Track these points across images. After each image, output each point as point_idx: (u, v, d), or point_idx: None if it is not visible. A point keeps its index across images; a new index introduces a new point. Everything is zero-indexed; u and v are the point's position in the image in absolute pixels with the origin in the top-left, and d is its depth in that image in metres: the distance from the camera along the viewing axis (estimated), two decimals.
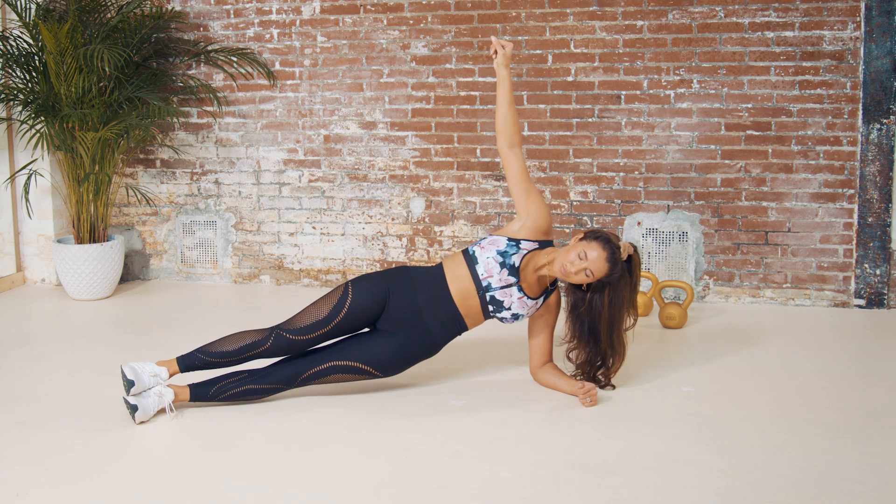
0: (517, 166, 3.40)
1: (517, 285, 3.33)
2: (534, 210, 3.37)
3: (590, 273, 3.20)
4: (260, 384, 3.30)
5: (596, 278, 3.21)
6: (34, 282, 5.52)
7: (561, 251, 3.27)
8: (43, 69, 5.00)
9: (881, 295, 4.76)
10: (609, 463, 2.84)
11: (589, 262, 3.19)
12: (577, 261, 3.19)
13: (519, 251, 3.34)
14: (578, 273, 3.20)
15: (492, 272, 3.31)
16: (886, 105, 4.64)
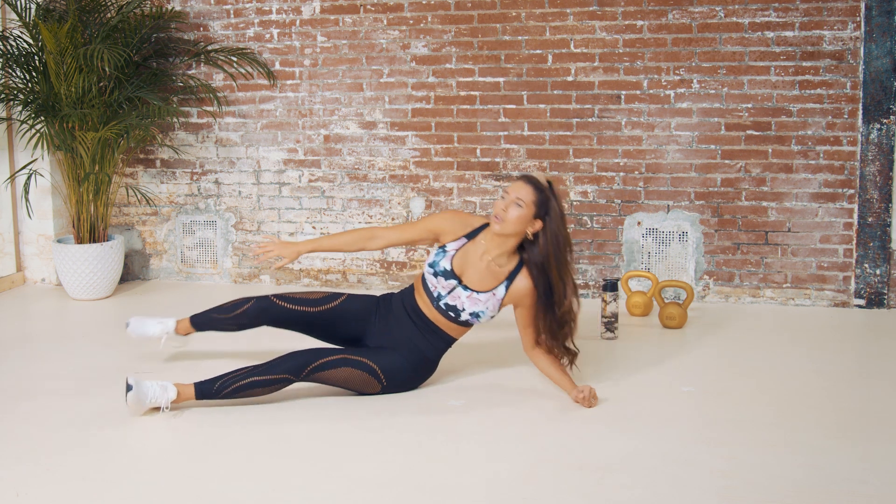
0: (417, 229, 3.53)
1: (460, 285, 3.35)
2: (434, 226, 3.48)
3: (518, 201, 3.22)
4: (265, 375, 3.24)
5: (527, 204, 3.21)
6: (34, 282, 5.52)
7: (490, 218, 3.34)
8: (43, 69, 5.00)
9: (881, 295, 4.76)
10: (609, 463, 2.83)
11: (512, 192, 3.25)
12: (502, 201, 3.27)
13: (445, 254, 3.39)
14: (508, 208, 3.23)
15: (435, 284, 3.38)
16: (886, 105, 4.64)
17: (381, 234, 3.54)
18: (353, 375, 3.33)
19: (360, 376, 3.34)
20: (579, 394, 3.30)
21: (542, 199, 3.23)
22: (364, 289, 5.29)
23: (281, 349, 3.49)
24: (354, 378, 3.34)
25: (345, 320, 3.54)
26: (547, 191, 3.24)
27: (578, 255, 5.05)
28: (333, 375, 3.31)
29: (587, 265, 5.06)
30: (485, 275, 3.35)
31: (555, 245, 3.25)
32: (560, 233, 3.25)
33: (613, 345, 4.16)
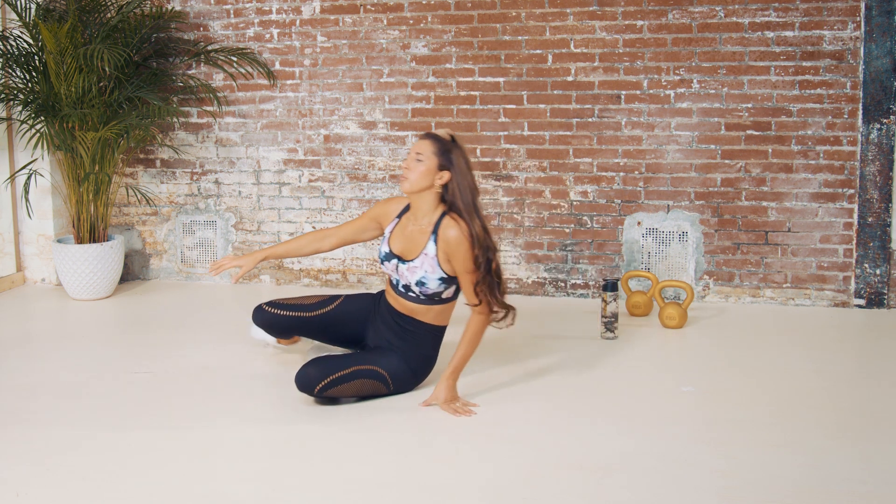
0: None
1: (399, 261, 3.38)
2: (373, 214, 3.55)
3: (419, 156, 3.23)
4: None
5: (427, 156, 3.22)
6: (34, 282, 5.52)
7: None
8: (43, 69, 5.00)
9: (881, 295, 4.76)
10: (609, 463, 2.84)
11: (413, 149, 3.27)
12: (405, 159, 3.29)
13: (384, 239, 3.46)
14: (409, 162, 3.24)
15: (386, 271, 3.45)
16: (886, 105, 4.64)
17: (331, 232, 3.63)
18: (364, 385, 3.33)
19: (371, 384, 3.34)
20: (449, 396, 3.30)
21: (442, 150, 3.24)
22: (364, 288, 5.29)
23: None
24: (365, 387, 3.34)
25: (343, 323, 3.57)
26: (448, 143, 3.26)
27: (579, 254, 5.06)
28: (346, 389, 3.30)
29: (587, 265, 5.06)
30: (414, 241, 3.36)
31: (461, 192, 3.24)
32: (466, 179, 3.25)
33: (613, 345, 4.16)
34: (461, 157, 3.26)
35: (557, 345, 4.12)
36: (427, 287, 3.32)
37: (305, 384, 3.25)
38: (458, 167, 3.24)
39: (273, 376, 3.69)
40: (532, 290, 5.13)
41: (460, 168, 3.25)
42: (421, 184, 3.25)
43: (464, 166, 3.26)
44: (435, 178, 3.25)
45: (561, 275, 5.09)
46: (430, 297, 3.37)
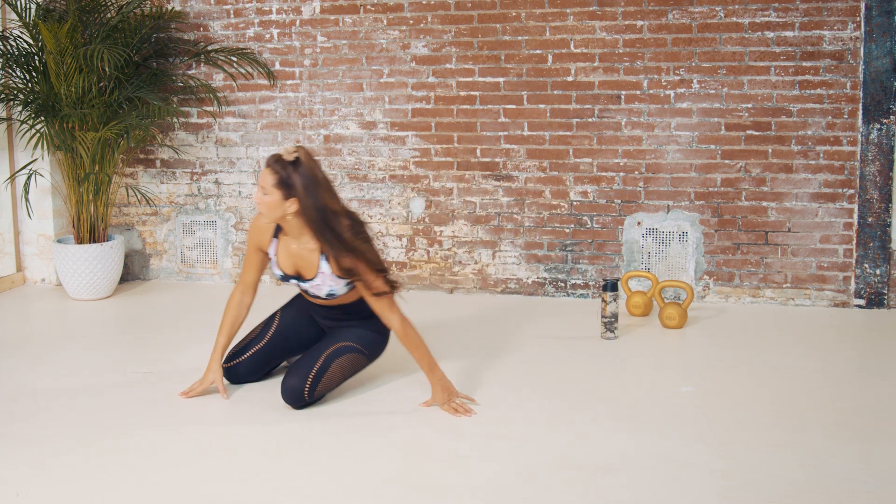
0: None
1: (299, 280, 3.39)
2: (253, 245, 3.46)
3: (263, 189, 3.15)
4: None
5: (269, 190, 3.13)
6: (34, 282, 5.52)
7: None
8: (43, 69, 5.00)
9: (881, 295, 4.76)
10: (609, 463, 2.84)
11: (259, 181, 3.18)
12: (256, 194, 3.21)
13: (273, 264, 3.43)
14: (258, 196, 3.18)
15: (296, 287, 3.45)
16: (886, 105, 4.64)
17: (244, 289, 3.49)
18: (344, 365, 3.35)
19: (350, 360, 3.36)
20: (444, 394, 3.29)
21: (282, 179, 3.12)
22: None
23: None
24: (346, 366, 3.36)
25: (296, 332, 3.59)
26: (287, 167, 3.12)
27: (578, 254, 5.06)
28: (331, 379, 3.32)
29: (587, 265, 5.06)
30: (303, 261, 3.34)
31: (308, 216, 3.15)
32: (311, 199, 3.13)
33: (613, 345, 4.16)
34: (302, 177, 3.12)
35: (557, 345, 4.12)
36: (337, 294, 3.35)
37: (294, 397, 3.27)
38: (300, 192, 3.12)
39: (271, 376, 3.69)
40: (532, 290, 5.13)
41: (302, 192, 3.12)
42: (275, 215, 3.20)
43: (305, 187, 3.12)
44: (285, 207, 3.17)
45: (561, 275, 5.09)
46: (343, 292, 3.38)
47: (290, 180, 3.12)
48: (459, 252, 5.20)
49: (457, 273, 5.21)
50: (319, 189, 3.15)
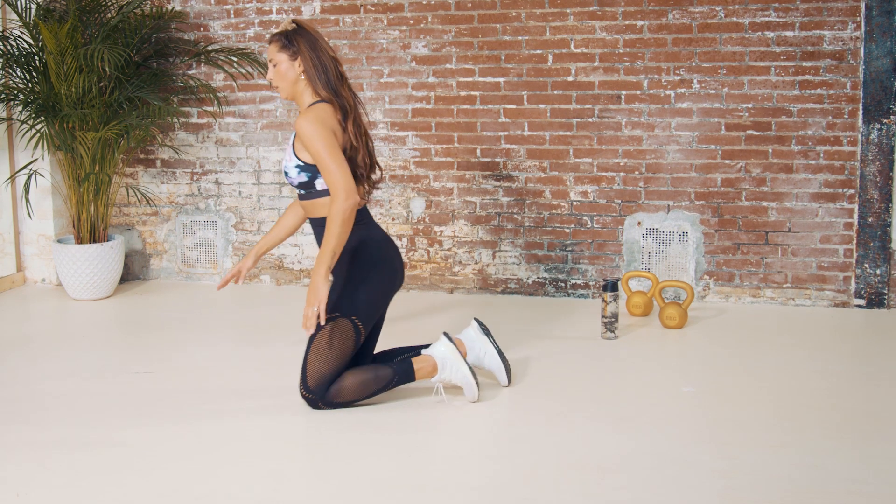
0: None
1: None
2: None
3: (272, 62, 3.26)
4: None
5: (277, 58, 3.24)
6: (34, 282, 5.53)
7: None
8: (43, 69, 5.00)
9: (881, 295, 4.76)
10: (609, 463, 2.84)
11: (268, 58, 3.27)
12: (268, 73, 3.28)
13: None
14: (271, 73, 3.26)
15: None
16: (886, 105, 4.64)
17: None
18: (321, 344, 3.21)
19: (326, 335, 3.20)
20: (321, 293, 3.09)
21: (285, 43, 3.24)
22: None
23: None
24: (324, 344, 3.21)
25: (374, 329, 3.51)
26: (289, 32, 3.25)
27: (579, 255, 5.06)
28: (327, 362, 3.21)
29: (587, 265, 5.06)
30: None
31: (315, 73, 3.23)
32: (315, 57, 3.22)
33: (613, 345, 4.16)
34: (304, 38, 3.24)
35: (558, 345, 4.12)
36: (290, 177, 3.28)
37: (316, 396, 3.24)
38: (304, 51, 3.23)
39: (272, 376, 3.69)
40: (532, 291, 5.13)
41: (306, 50, 3.23)
42: (290, 84, 3.27)
43: (309, 47, 3.24)
44: (296, 71, 3.25)
45: (561, 275, 5.09)
46: (305, 189, 3.28)
47: (293, 42, 3.23)
48: (460, 252, 5.20)
49: (457, 273, 5.21)
50: (320, 46, 3.26)
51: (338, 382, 3.25)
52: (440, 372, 3.32)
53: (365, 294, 3.27)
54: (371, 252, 3.32)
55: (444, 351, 3.34)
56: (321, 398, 3.24)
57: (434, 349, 3.37)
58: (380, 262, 3.32)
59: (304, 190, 3.30)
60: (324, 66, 3.25)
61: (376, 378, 3.28)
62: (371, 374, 3.28)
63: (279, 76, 3.26)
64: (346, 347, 3.23)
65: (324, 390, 3.23)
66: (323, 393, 3.23)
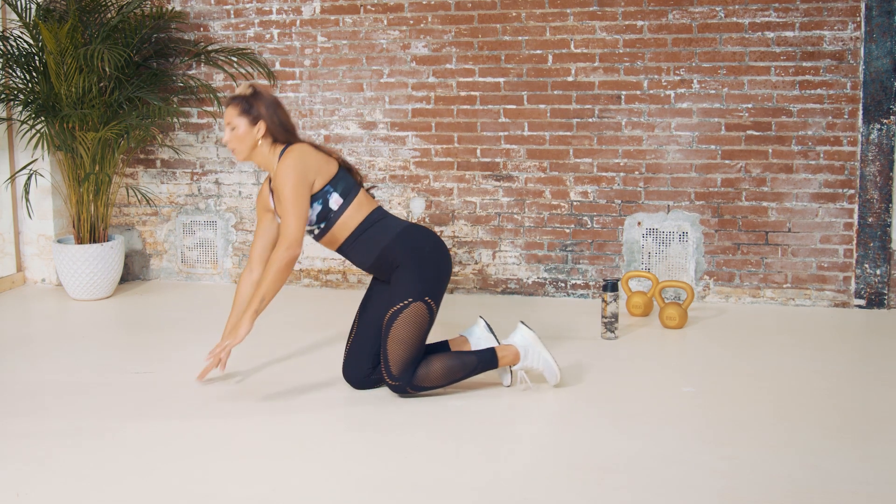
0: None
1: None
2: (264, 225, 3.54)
3: (230, 125, 3.31)
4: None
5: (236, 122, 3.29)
6: (34, 282, 5.52)
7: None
8: (43, 69, 5.00)
9: (881, 295, 4.76)
10: (609, 463, 2.84)
11: (225, 121, 3.34)
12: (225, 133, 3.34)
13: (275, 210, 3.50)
14: (228, 135, 3.31)
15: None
16: (886, 105, 4.64)
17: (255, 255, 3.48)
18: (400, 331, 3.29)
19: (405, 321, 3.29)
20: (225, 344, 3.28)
21: (245, 108, 3.30)
22: (363, 287, 5.29)
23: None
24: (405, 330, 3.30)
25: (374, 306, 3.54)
26: (248, 97, 3.31)
27: (579, 255, 5.06)
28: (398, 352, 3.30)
29: (587, 265, 5.06)
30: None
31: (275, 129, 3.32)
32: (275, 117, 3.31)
33: (613, 345, 4.16)
34: (264, 102, 3.32)
35: (558, 345, 4.11)
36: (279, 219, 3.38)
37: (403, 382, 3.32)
38: (265, 114, 3.30)
39: (272, 376, 3.69)
40: (532, 291, 5.13)
41: (267, 113, 3.30)
42: (249, 147, 3.33)
43: (269, 109, 3.31)
44: (254, 134, 3.31)
45: (561, 275, 5.09)
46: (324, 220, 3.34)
47: (252, 106, 3.29)
48: (460, 252, 5.20)
49: (457, 273, 5.21)
50: (280, 108, 3.34)
51: (425, 367, 3.34)
52: (523, 360, 3.43)
53: (428, 273, 3.35)
54: (415, 239, 3.40)
55: (524, 338, 3.45)
56: (408, 384, 3.32)
57: (514, 338, 3.46)
58: (426, 245, 3.40)
59: (324, 221, 3.35)
60: (282, 123, 3.35)
61: (462, 364, 3.37)
62: (458, 361, 3.37)
63: (237, 140, 3.31)
64: (423, 330, 3.33)
65: (410, 375, 3.32)
66: (409, 378, 3.32)
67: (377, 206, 3.44)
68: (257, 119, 3.29)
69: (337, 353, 4.01)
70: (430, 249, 3.39)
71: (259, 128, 3.30)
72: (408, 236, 3.38)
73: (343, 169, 3.40)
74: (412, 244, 3.37)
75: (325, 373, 3.73)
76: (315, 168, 3.28)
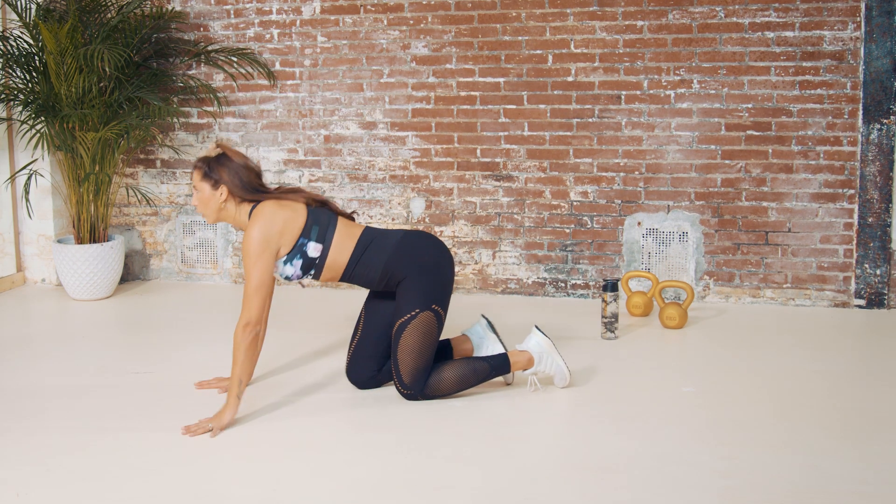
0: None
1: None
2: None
3: (195, 189, 3.29)
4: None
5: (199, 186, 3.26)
6: (34, 282, 5.52)
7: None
8: (43, 69, 5.00)
9: (881, 295, 4.75)
10: (609, 463, 2.84)
11: (192, 182, 3.31)
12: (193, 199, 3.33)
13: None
14: (195, 199, 3.29)
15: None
16: (886, 105, 4.64)
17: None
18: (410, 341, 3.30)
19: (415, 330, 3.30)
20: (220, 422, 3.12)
21: (206, 173, 3.26)
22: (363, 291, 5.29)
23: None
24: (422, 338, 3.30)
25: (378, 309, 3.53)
26: (210, 161, 3.27)
27: (579, 255, 5.06)
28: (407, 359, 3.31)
29: (587, 265, 5.06)
30: None
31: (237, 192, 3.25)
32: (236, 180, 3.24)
33: (613, 345, 4.16)
34: (227, 165, 3.25)
35: (558, 345, 4.11)
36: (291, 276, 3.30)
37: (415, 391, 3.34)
38: (225, 178, 3.24)
39: (272, 376, 3.69)
40: (532, 291, 5.13)
41: (229, 177, 3.24)
42: (214, 210, 3.29)
43: (231, 173, 3.25)
44: (218, 198, 3.27)
45: (561, 275, 5.09)
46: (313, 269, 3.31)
47: (213, 171, 3.25)
48: (460, 252, 5.20)
49: (457, 273, 5.21)
50: (241, 169, 3.28)
51: (436, 375, 3.36)
52: (537, 364, 3.45)
53: (432, 281, 3.35)
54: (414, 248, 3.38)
55: (539, 345, 3.46)
56: (420, 392, 3.34)
57: (529, 343, 3.48)
58: (426, 253, 3.38)
59: (312, 269, 3.32)
60: (246, 184, 3.27)
61: (474, 372, 3.39)
62: (469, 368, 3.39)
63: (202, 203, 3.29)
64: (433, 338, 3.34)
65: (422, 384, 3.34)
66: (421, 387, 3.34)
67: (364, 229, 3.39)
68: (219, 184, 3.25)
69: (337, 354, 4.01)
70: (431, 256, 3.38)
71: (221, 191, 3.26)
72: (406, 248, 3.36)
73: (312, 210, 3.32)
74: (412, 255, 3.35)
75: (326, 374, 3.73)
76: (279, 232, 3.20)
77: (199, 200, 3.29)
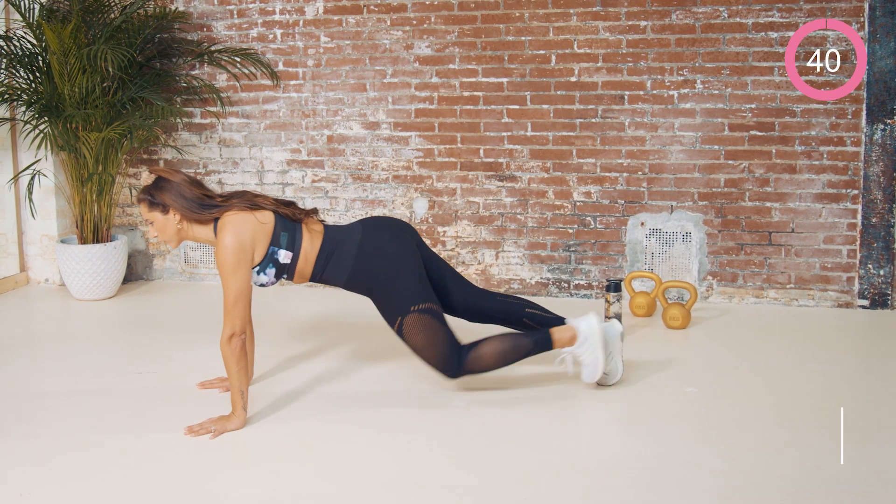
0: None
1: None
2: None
3: (147, 221, 3.27)
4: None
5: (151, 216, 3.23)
6: (37, 282, 5.53)
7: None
8: (46, 69, 5.01)
9: (885, 295, 4.74)
10: (611, 463, 2.83)
11: (143, 216, 3.28)
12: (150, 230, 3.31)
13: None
14: (153, 232, 3.27)
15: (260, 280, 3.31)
16: (890, 105, 4.63)
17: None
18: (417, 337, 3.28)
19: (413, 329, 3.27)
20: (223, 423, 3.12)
21: (152, 203, 3.22)
22: None
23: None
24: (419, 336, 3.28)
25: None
26: (150, 189, 3.23)
27: (582, 255, 5.05)
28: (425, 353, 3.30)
29: (590, 266, 5.06)
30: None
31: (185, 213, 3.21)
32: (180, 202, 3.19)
33: None
34: (164, 189, 3.21)
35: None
36: (265, 283, 3.28)
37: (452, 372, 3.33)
38: (169, 200, 3.20)
39: (273, 376, 3.69)
40: (535, 291, 5.13)
41: (174, 199, 3.20)
42: (173, 234, 3.26)
43: (174, 194, 3.20)
44: (172, 221, 3.23)
45: (564, 275, 5.09)
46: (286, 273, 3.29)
47: (156, 198, 3.22)
48: (463, 252, 5.20)
49: (460, 273, 5.20)
50: (184, 188, 3.22)
51: (477, 350, 3.33)
52: (578, 344, 3.40)
53: (395, 287, 3.27)
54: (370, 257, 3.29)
55: (591, 327, 3.42)
56: (459, 369, 3.32)
57: (581, 323, 3.44)
58: (380, 255, 3.30)
59: (285, 273, 3.29)
60: (194, 201, 3.21)
61: (515, 348, 3.36)
62: (510, 345, 3.36)
63: (161, 231, 3.26)
64: (435, 327, 3.28)
65: (456, 364, 3.31)
66: (458, 367, 3.31)
67: (323, 236, 3.31)
68: (167, 208, 3.22)
69: (338, 353, 4.01)
70: (385, 264, 3.27)
71: (173, 214, 3.23)
72: (363, 263, 3.27)
73: (279, 216, 3.27)
74: (369, 271, 3.27)
75: (327, 373, 3.73)
76: (251, 237, 3.16)
77: (156, 230, 3.26)
